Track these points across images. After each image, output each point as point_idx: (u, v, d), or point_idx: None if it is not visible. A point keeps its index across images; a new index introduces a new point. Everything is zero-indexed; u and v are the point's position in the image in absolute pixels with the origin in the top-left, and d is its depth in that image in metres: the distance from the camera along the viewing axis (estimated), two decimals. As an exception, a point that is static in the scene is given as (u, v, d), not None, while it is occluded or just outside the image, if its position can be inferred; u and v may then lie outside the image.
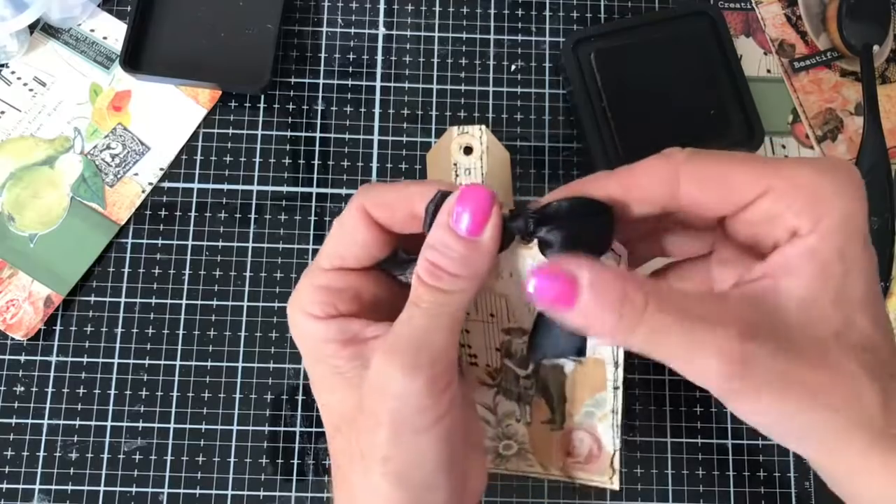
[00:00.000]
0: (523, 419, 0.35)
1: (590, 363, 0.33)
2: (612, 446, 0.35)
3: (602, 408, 0.34)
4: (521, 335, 0.33)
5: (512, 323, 0.33)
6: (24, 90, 0.47)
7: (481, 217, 0.26)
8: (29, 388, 0.43)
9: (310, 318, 0.29)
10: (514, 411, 0.35)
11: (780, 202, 0.24)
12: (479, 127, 0.43)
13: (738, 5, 0.50)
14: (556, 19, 0.50)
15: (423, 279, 0.27)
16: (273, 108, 0.47)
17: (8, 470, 0.42)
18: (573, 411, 0.35)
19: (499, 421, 0.36)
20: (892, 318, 0.45)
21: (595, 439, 0.35)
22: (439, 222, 0.27)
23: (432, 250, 0.27)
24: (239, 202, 0.46)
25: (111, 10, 0.48)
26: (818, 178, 0.24)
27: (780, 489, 0.43)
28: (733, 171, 0.25)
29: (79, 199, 0.45)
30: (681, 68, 0.46)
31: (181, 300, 0.44)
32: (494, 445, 0.36)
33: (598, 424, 0.35)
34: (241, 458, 0.43)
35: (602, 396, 0.34)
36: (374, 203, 0.28)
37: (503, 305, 0.32)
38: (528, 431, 0.35)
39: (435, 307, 0.27)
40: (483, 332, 0.33)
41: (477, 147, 0.43)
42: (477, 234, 0.26)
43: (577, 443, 0.35)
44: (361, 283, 0.29)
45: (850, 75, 0.48)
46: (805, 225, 0.24)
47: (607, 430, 0.35)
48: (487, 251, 0.27)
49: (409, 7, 0.49)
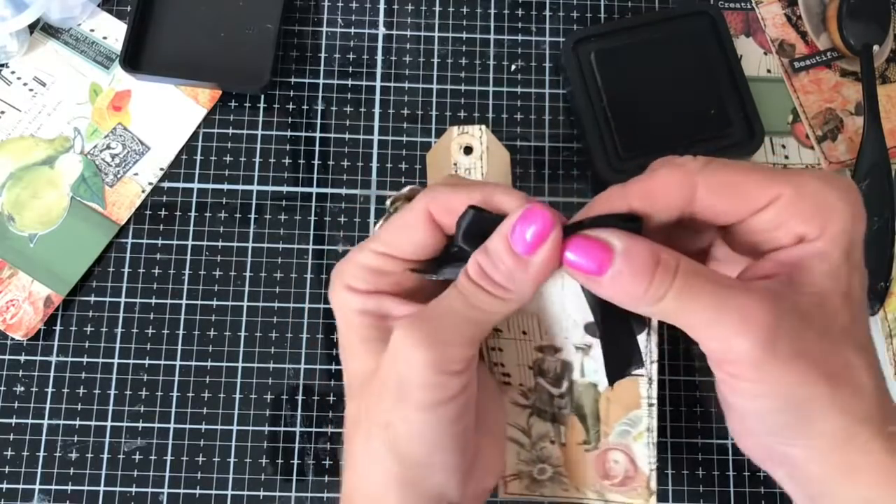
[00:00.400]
0: (558, 440, 0.35)
1: (624, 381, 0.32)
2: (649, 466, 0.34)
3: (637, 426, 0.34)
4: (553, 353, 0.33)
5: (544, 341, 0.32)
6: (23, 90, 0.47)
7: (537, 238, 0.27)
8: (29, 388, 0.43)
9: (350, 291, 0.30)
10: (549, 432, 0.35)
11: (789, 209, 0.26)
12: (479, 127, 0.43)
13: (738, 5, 0.50)
14: (556, 19, 0.50)
15: (470, 275, 0.28)
16: (273, 108, 0.47)
17: (8, 470, 0.42)
18: (608, 430, 0.34)
19: (533, 444, 0.35)
20: (892, 318, 0.45)
21: (630, 459, 0.34)
22: (500, 232, 0.27)
23: (485, 256, 0.28)
24: (239, 202, 0.46)
25: (111, 9, 0.48)
26: (824, 188, 0.26)
27: (780, 489, 0.43)
28: (747, 180, 0.27)
29: (79, 199, 0.45)
30: (681, 68, 0.46)
31: (181, 300, 0.44)
32: (529, 470, 0.35)
33: (633, 444, 0.34)
34: (241, 458, 0.43)
35: (637, 414, 0.33)
36: (440, 207, 0.29)
37: (535, 324, 0.32)
38: (563, 453, 0.35)
39: (473, 297, 0.27)
40: (515, 350, 0.33)
41: (477, 147, 0.43)
42: (530, 254, 0.27)
43: (612, 464, 0.34)
44: (405, 274, 0.30)
45: (850, 75, 0.48)
46: (813, 231, 0.26)
47: (642, 450, 0.34)
48: (536, 273, 0.27)
49: (409, 7, 0.49)
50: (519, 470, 0.35)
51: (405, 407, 0.27)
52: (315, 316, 0.44)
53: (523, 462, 0.35)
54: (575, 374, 0.33)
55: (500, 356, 0.34)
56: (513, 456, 0.35)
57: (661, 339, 0.44)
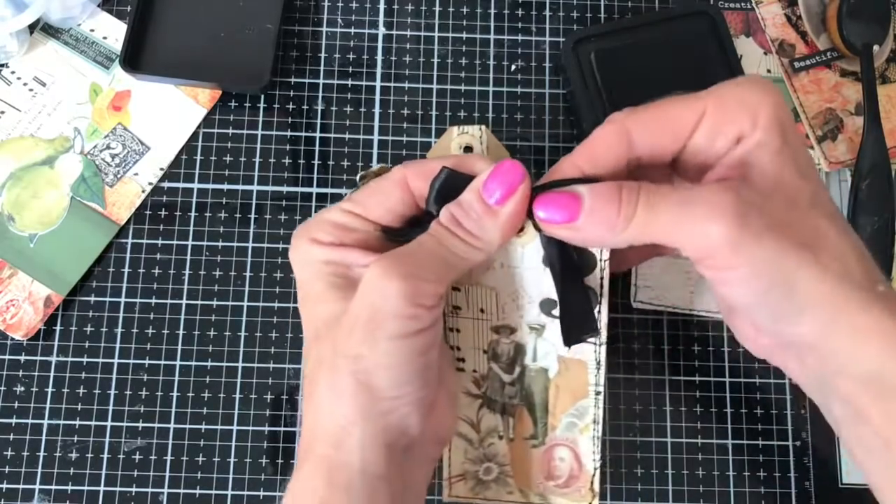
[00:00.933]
0: (506, 435, 0.35)
1: (573, 366, 0.34)
2: (593, 464, 0.35)
3: (584, 418, 0.35)
4: (508, 333, 0.34)
5: (500, 321, 0.34)
6: (23, 90, 0.47)
7: (507, 189, 0.29)
8: (29, 388, 0.43)
9: (314, 244, 0.30)
10: (497, 426, 0.35)
11: (717, 118, 0.28)
12: (479, 127, 0.43)
13: (738, 5, 0.50)
14: (556, 19, 0.50)
15: (442, 221, 0.29)
16: (273, 108, 0.47)
17: (8, 470, 0.42)
18: (555, 423, 0.35)
19: (481, 440, 0.36)
20: (893, 318, 0.45)
21: (576, 456, 0.35)
22: (473, 186, 0.29)
23: (457, 206, 0.29)
24: (239, 202, 0.46)
25: (111, 9, 0.48)
26: (740, 88, 0.29)
27: (780, 489, 0.43)
28: (671, 109, 0.29)
29: (79, 199, 0.45)
30: (681, 68, 0.46)
31: (181, 300, 0.44)
32: (475, 470, 0.36)
33: (579, 437, 0.35)
34: (241, 458, 0.43)
35: (584, 404, 0.35)
36: (416, 172, 0.30)
37: (493, 301, 0.33)
38: (510, 450, 0.36)
39: (445, 240, 0.29)
40: (472, 331, 0.34)
41: (477, 147, 0.43)
42: (500, 205, 0.29)
43: (557, 462, 0.35)
44: (372, 234, 0.31)
45: (850, 75, 0.48)
46: (745, 126, 0.28)
47: (588, 444, 0.35)
48: (504, 223, 0.29)
49: (409, 7, 0.49)
50: (465, 470, 0.36)
51: (377, 337, 0.27)
52: (315, 316, 0.44)
53: (470, 461, 0.36)
54: (527, 358, 0.34)
55: (457, 338, 0.34)
56: (460, 454, 0.36)
57: (663, 346, 0.44)
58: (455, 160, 0.30)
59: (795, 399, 0.44)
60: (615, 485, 0.43)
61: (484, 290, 0.33)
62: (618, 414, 0.44)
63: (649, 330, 0.45)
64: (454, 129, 0.43)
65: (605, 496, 0.42)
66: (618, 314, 0.45)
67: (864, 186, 0.45)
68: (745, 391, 0.44)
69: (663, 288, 0.45)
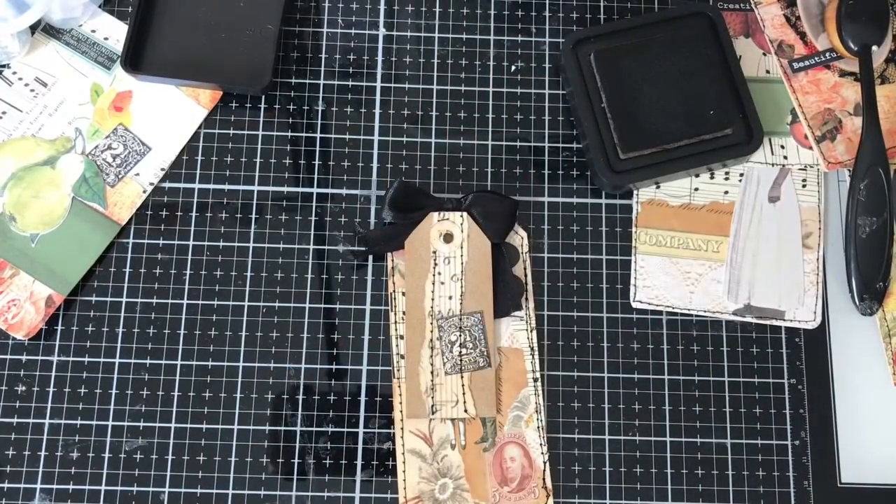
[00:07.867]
0: (458, 443, 0.36)
1: (511, 355, 0.36)
2: (542, 457, 0.36)
3: (527, 408, 0.36)
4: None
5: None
6: (25, 91, 0.47)
7: None
8: (30, 388, 0.43)
9: None
10: (449, 435, 0.37)
11: None
12: (460, 214, 0.42)
13: (738, 6, 0.50)
14: (556, 19, 0.50)
15: None
16: (273, 108, 0.48)
17: (9, 469, 0.42)
18: (502, 420, 0.36)
19: (434, 453, 0.37)
20: (891, 318, 0.45)
21: (525, 452, 0.36)
22: None
23: None
24: (239, 202, 0.46)
25: (112, 10, 0.48)
26: None
27: (779, 489, 0.43)
28: None
29: (80, 199, 0.45)
30: (680, 69, 0.46)
31: (182, 300, 0.44)
32: (431, 489, 0.37)
33: (525, 431, 0.36)
34: (241, 457, 0.43)
35: (525, 393, 0.36)
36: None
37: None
38: (463, 458, 0.37)
39: None
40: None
41: (458, 234, 0.42)
42: None
43: (509, 463, 0.37)
44: None
45: (848, 76, 0.49)
46: None
47: (534, 436, 0.36)
48: None
49: (409, 7, 0.49)
50: (421, 491, 0.37)
51: None
52: (315, 316, 0.44)
53: (425, 479, 0.37)
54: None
55: (402, 344, 0.39)
56: (414, 474, 0.37)
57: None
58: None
59: (794, 399, 0.44)
60: (615, 484, 0.43)
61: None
62: (617, 414, 0.44)
63: (649, 330, 0.45)
64: (434, 214, 0.42)
65: (605, 496, 0.42)
66: (618, 314, 0.45)
67: (862, 187, 0.45)
68: (744, 391, 0.44)
69: (663, 288, 0.45)
